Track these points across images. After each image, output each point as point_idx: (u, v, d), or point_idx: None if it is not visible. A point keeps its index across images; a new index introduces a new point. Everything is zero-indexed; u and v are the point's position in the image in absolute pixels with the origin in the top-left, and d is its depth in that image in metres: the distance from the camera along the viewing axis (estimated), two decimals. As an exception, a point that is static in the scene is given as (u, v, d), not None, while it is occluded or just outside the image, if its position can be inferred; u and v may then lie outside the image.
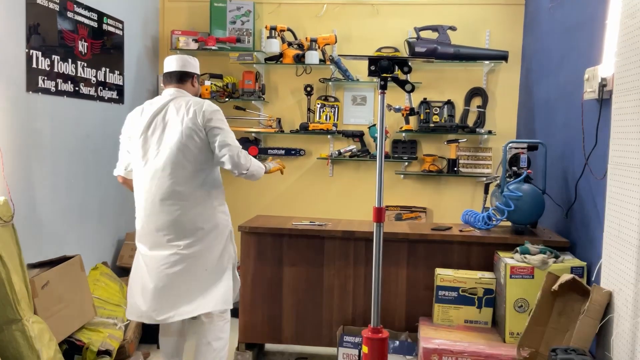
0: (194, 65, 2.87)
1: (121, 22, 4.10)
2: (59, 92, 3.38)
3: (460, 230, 3.20)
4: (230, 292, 2.85)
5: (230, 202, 4.71)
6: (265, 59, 4.49)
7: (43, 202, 3.26)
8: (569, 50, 3.19)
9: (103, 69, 3.86)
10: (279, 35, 4.44)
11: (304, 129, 4.46)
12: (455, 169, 4.37)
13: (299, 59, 4.41)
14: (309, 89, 4.52)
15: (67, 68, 3.45)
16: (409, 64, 2.31)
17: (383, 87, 2.29)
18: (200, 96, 3.02)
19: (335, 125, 4.51)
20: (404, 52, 4.36)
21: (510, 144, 3.20)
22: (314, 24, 4.56)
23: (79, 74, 3.58)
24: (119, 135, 2.94)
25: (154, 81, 4.69)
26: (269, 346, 3.60)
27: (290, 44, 4.45)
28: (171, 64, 2.82)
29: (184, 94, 2.79)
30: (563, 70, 3.28)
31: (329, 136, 4.57)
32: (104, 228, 3.98)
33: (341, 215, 4.39)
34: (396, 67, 2.28)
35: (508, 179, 3.15)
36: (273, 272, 3.29)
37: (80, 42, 3.59)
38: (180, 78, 2.82)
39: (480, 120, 4.44)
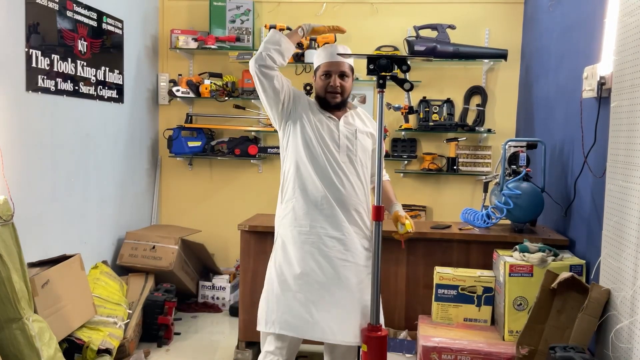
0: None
1: (121, 21, 4.10)
2: (59, 92, 3.38)
3: (460, 229, 3.20)
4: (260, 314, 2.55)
5: (230, 201, 4.76)
6: (265, 58, 4.48)
7: (43, 201, 3.27)
8: (568, 48, 3.19)
9: (103, 68, 3.87)
10: (278, 34, 4.43)
11: (303, 127, 4.46)
12: (455, 167, 4.38)
13: (299, 58, 4.40)
14: (308, 87, 4.52)
15: (67, 67, 3.45)
16: (408, 62, 2.31)
17: (382, 86, 2.28)
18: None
19: (334, 124, 4.51)
20: (403, 51, 4.37)
21: (509, 143, 3.21)
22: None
23: (78, 73, 3.58)
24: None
25: (153, 80, 4.69)
26: (268, 344, 3.60)
27: (289, 43, 4.45)
28: None
29: None
30: (562, 68, 3.28)
31: (328, 135, 4.56)
32: (103, 227, 3.99)
33: (341, 214, 4.39)
34: (395, 66, 2.28)
35: (507, 178, 3.16)
36: (273, 270, 3.28)
37: (79, 41, 3.59)
38: None
39: (480, 118, 4.44)
